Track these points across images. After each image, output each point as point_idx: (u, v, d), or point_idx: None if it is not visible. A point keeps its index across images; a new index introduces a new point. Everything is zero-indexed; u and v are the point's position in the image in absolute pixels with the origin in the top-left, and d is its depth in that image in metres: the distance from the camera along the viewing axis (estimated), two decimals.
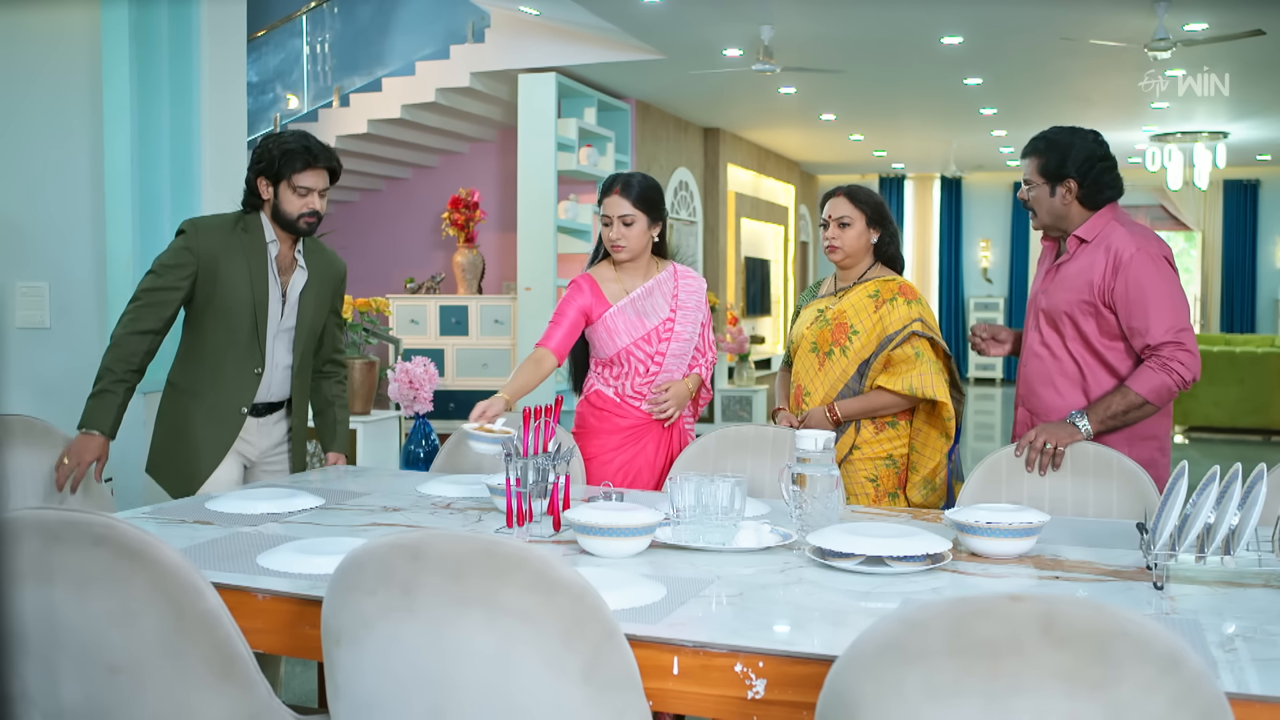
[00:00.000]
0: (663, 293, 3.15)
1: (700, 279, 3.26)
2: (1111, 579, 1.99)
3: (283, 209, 2.95)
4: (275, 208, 2.96)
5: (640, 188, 3.07)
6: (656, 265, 3.20)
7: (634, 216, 3.06)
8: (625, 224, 3.06)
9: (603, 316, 3.10)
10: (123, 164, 4.60)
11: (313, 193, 2.94)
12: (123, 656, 1.69)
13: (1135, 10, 6.47)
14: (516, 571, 1.51)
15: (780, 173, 14.32)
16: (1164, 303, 2.73)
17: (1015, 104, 10.01)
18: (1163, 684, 1.21)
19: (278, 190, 2.94)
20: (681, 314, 3.15)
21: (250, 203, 3.01)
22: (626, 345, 3.10)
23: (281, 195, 2.94)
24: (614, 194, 3.07)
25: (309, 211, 2.95)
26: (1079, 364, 2.85)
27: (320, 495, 2.66)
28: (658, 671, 1.65)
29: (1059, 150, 2.85)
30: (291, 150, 2.91)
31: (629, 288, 3.14)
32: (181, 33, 4.82)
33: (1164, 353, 2.71)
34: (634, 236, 3.07)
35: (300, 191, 2.93)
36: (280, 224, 2.97)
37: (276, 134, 2.97)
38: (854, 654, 1.31)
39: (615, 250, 3.09)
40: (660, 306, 3.14)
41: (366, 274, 9.98)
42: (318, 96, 9.37)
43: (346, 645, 1.61)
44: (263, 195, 2.97)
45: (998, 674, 1.24)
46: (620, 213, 3.06)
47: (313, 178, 2.94)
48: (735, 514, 2.24)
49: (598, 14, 7.00)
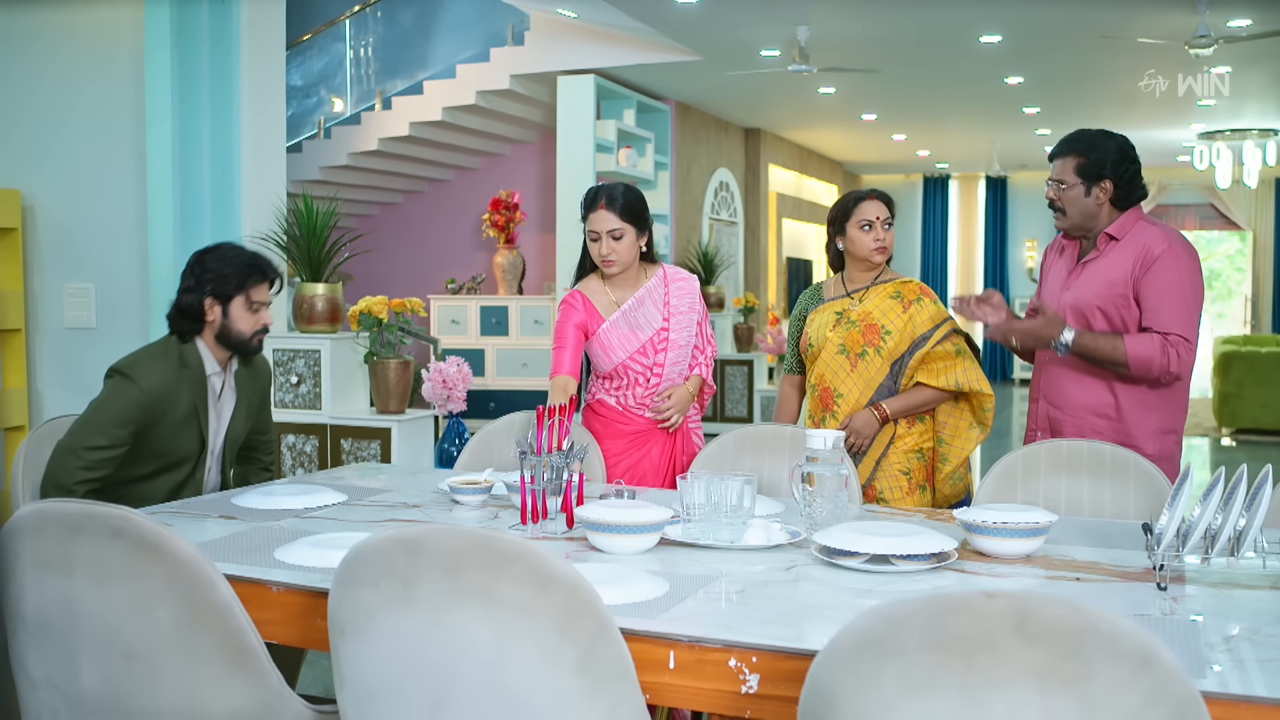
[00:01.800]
0: (654, 300, 3.12)
1: (691, 277, 3.21)
2: (1117, 580, 1.99)
3: (234, 329, 2.77)
4: (223, 329, 2.77)
5: (625, 199, 3.02)
6: (645, 272, 3.15)
7: (622, 230, 3.00)
8: (614, 238, 3.00)
9: (597, 332, 3.08)
10: (164, 169, 4.72)
11: (265, 307, 2.80)
12: (139, 645, 1.75)
13: (1176, 7, 6.39)
14: (512, 565, 1.55)
15: (823, 173, 14.28)
16: (1187, 297, 2.82)
17: (1058, 103, 9.91)
18: (1135, 681, 1.22)
19: (228, 309, 2.76)
20: (675, 319, 3.12)
21: (187, 329, 2.78)
22: (623, 360, 3.08)
23: (233, 314, 2.76)
24: (599, 209, 3.00)
25: (263, 328, 2.81)
26: None
27: (342, 492, 2.72)
28: (654, 665, 1.68)
29: (1098, 151, 2.91)
30: (246, 265, 2.76)
31: (620, 299, 3.10)
32: (221, 39, 4.93)
33: (1171, 338, 2.79)
34: (624, 250, 3.02)
35: (255, 307, 2.78)
36: (226, 345, 2.80)
37: (212, 249, 2.79)
38: (833, 649, 1.34)
39: (606, 265, 3.03)
40: (653, 316, 3.11)
41: (408, 275, 10.10)
42: (360, 100, 9.51)
43: (350, 636, 1.65)
44: (208, 318, 2.76)
45: (972, 669, 1.26)
46: (608, 227, 3.00)
47: (263, 292, 2.79)
48: (745, 512, 2.27)
49: (633, 15, 7.04)
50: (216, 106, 4.90)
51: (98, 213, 5.11)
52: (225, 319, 2.76)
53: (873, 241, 3.16)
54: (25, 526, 1.78)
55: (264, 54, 5.10)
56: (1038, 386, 3.07)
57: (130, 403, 2.64)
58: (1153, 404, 2.89)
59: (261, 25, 5.07)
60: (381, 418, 4.97)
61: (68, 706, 1.81)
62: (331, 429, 5.03)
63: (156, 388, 2.67)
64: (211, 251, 2.78)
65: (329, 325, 5.06)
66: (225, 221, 4.95)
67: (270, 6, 5.14)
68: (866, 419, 3.09)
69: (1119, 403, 2.90)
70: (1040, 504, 2.71)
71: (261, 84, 5.08)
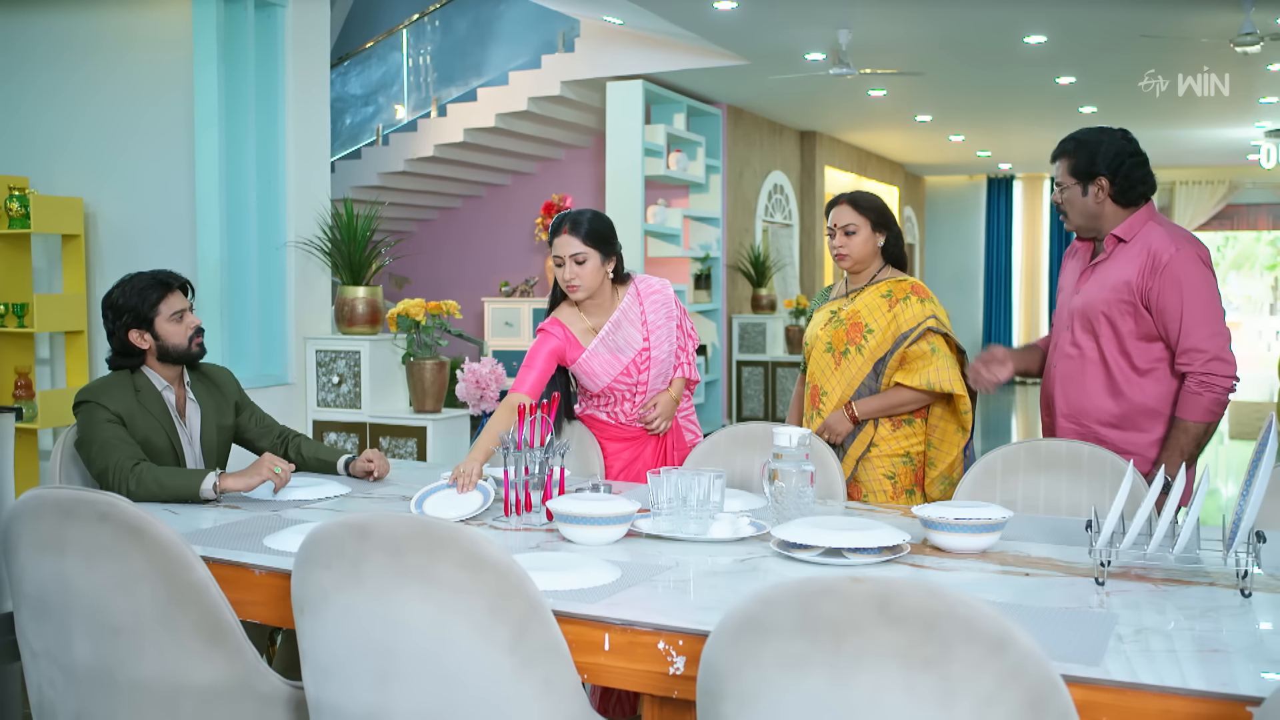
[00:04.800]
0: (630, 321, 3.13)
1: (664, 284, 3.22)
2: (1062, 575, 2.05)
3: (170, 344, 2.87)
4: (160, 350, 2.87)
5: (590, 225, 3.03)
6: (617, 293, 3.15)
7: (585, 254, 3.02)
8: (577, 262, 3.02)
9: (578, 361, 3.10)
10: (211, 178, 4.94)
11: (186, 312, 2.90)
12: (125, 620, 1.91)
13: (1221, 6, 6.31)
14: (448, 549, 1.67)
15: (882, 174, 14.23)
16: (1203, 306, 2.77)
17: (1114, 102, 9.78)
18: (990, 662, 1.30)
19: (155, 331, 2.86)
20: (655, 336, 3.14)
21: (131, 364, 2.89)
22: (608, 384, 3.13)
23: (161, 332, 2.86)
24: (563, 234, 3.02)
25: (195, 330, 2.90)
26: (1109, 365, 2.88)
27: (347, 484, 2.87)
28: (590, 647, 1.79)
29: (1088, 149, 2.88)
30: (149, 286, 2.86)
31: (596, 325, 3.12)
32: (267, 52, 5.13)
33: (1202, 371, 2.75)
34: (587, 275, 3.03)
35: (177, 317, 2.87)
36: (172, 361, 2.90)
37: (115, 287, 2.89)
38: (720, 629, 1.43)
39: (571, 290, 3.05)
40: (633, 337, 3.13)
41: (466, 278, 10.33)
42: (418, 107, 9.75)
43: (309, 615, 1.79)
44: (142, 346, 2.87)
45: (840, 650, 1.34)
46: (571, 251, 3.01)
47: (178, 299, 2.89)
48: (713, 506, 2.37)
49: (676, 22, 7.14)
50: (262, 117, 5.11)
51: (153, 219, 5.37)
52: (157, 340, 2.86)
53: (834, 248, 3.21)
54: (25, 511, 1.95)
55: (309, 65, 5.30)
56: (1047, 394, 3.06)
57: (108, 420, 2.75)
58: (1161, 411, 2.84)
59: (306, 37, 5.27)
60: (419, 416, 5.15)
61: (63, 676, 1.97)
62: (371, 427, 5.22)
63: (121, 409, 2.78)
64: (115, 289, 2.88)
65: (369, 327, 5.25)
66: (270, 228, 5.16)
67: (315, 18, 5.34)
68: (839, 418, 3.14)
69: (1126, 411, 2.87)
70: (1019, 502, 2.76)
71: (306, 95, 5.28)
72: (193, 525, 2.44)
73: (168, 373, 2.91)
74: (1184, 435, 2.78)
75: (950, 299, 16.27)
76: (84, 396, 2.78)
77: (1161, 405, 2.84)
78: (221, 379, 3.09)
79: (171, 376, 2.92)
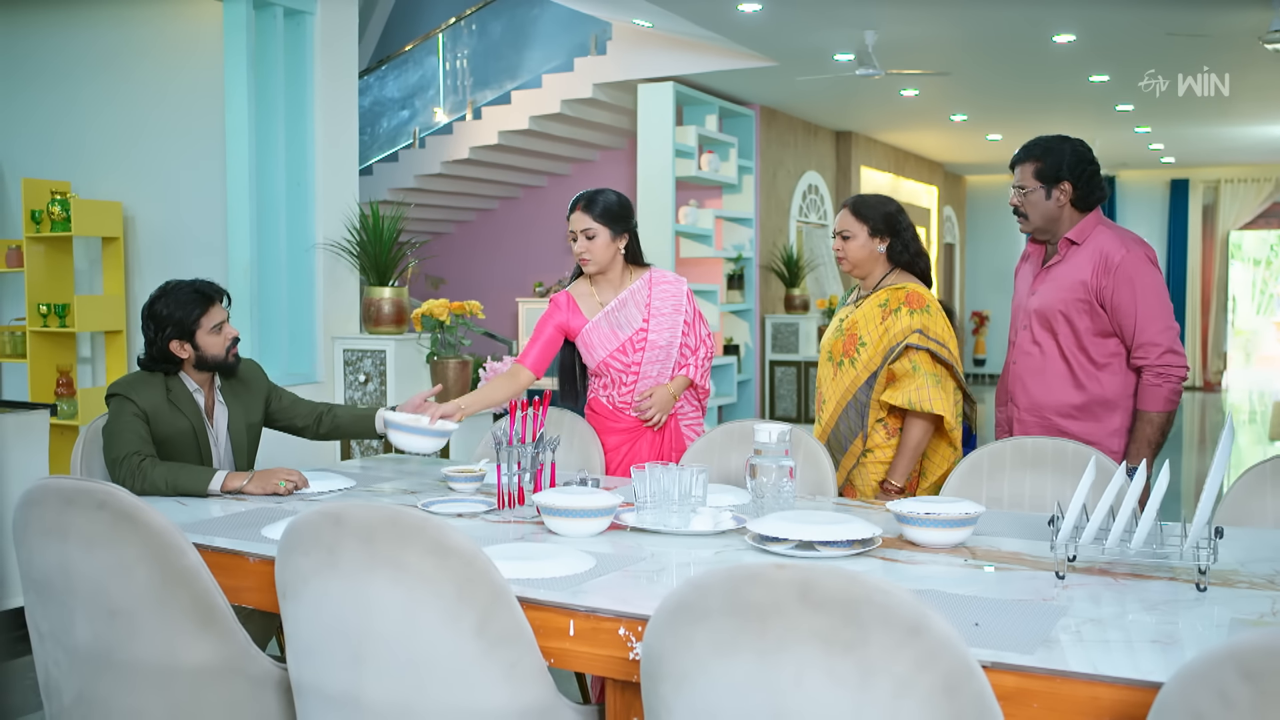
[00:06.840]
0: (636, 303, 3.30)
1: (678, 280, 3.34)
2: (1027, 568, 2.09)
3: (208, 354, 2.96)
4: (199, 360, 2.96)
5: (602, 204, 3.23)
6: (631, 275, 3.33)
7: (595, 230, 3.22)
8: (588, 237, 3.22)
9: (581, 331, 3.29)
10: (241, 182, 5.08)
11: (225, 324, 2.98)
12: (122, 603, 2.02)
13: (1250, 4, 6.25)
14: (416, 537, 1.76)
15: (921, 174, 14.17)
16: (1154, 304, 2.96)
17: (1151, 100, 9.67)
18: (906, 647, 1.36)
19: (195, 342, 2.94)
20: (655, 321, 3.28)
21: (167, 369, 2.97)
22: (604, 358, 3.28)
23: (201, 343, 2.94)
24: (577, 210, 3.25)
25: (232, 341, 2.99)
26: (1069, 360, 3.06)
27: (352, 478, 2.98)
28: (556, 633, 1.87)
29: (1054, 155, 3.07)
30: (187, 300, 2.94)
31: (604, 301, 3.31)
32: (296, 60, 5.27)
33: (1158, 364, 2.95)
34: (597, 249, 3.23)
35: (216, 329, 2.96)
36: (208, 369, 2.99)
37: (158, 297, 2.97)
38: (658, 614, 1.51)
39: (583, 263, 3.28)
40: (633, 317, 3.29)
41: (500, 278, 10.46)
42: (454, 110, 9.89)
43: (290, 599, 1.89)
44: (182, 355, 2.95)
45: (765, 634, 1.41)
46: (582, 227, 3.23)
47: (218, 311, 2.98)
48: (695, 500, 2.44)
49: (702, 24, 7.20)
50: (292, 122, 5.25)
51: (188, 222, 5.54)
52: (197, 351, 2.95)
53: (835, 253, 3.26)
54: (32, 499, 2.07)
55: (336, 71, 5.43)
56: (1005, 391, 3.18)
57: (134, 414, 2.85)
58: (1118, 402, 3.00)
59: (334, 43, 5.40)
60: None
61: (66, 656, 2.09)
62: None
63: (150, 405, 2.88)
64: (158, 301, 2.96)
65: (395, 327, 5.37)
66: (299, 230, 5.30)
67: (342, 24, 5.47)
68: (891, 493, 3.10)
69: (1083, 402, 3.03)
70: (1004, 499, 2.80)
71: (334, 100, 5.41)
72: (202, 515, 2.55)
73: (200, 378, 3.02)
74: (1149, 426, 2.96)
75: (990, 299, 16.18)
76: (116, 390, 2.90)
77: (1118, 397, 3.02)
78: (250, 375, 3.18)
79: (203, 381, 3.03)
